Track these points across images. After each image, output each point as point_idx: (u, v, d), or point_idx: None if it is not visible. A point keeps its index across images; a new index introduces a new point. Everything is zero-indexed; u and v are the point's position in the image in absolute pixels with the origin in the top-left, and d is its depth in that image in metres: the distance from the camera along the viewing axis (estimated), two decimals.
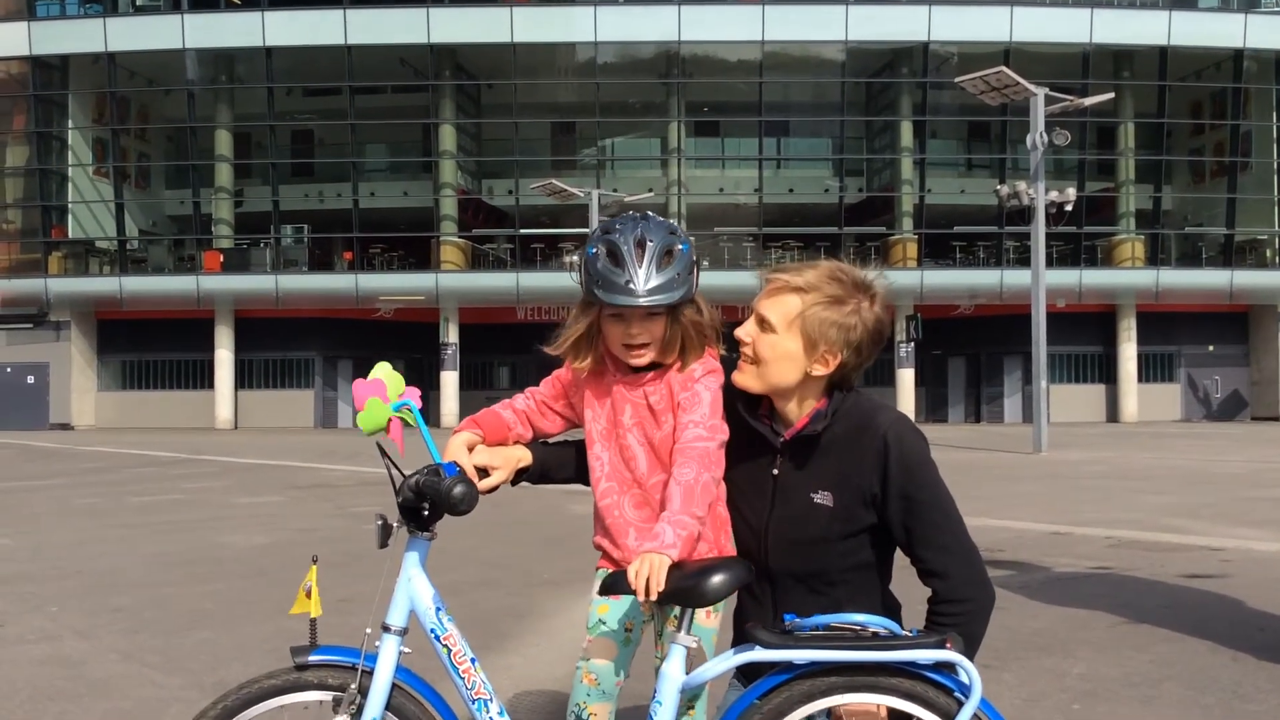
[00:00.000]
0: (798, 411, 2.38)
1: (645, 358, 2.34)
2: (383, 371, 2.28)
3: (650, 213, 2.38)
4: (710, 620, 2.39)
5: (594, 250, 2.29)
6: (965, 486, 13.31)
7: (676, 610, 2.29)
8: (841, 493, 2.31)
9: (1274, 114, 37.51)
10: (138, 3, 37.43)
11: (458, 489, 2.17)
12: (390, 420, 2.25)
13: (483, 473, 2.39)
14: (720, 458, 2.31)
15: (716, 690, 2.43)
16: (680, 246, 2.29)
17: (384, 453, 2.25)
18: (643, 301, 2.24)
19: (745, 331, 2.37)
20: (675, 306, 2.29)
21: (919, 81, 36.40)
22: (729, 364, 2.41)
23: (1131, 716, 4.00)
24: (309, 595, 2.25)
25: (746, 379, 2.37)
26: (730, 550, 2.42)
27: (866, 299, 2.34)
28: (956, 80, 24.29)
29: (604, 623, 2.38)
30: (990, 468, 17.21)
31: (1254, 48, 35.53)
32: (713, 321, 2.38)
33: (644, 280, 2.24)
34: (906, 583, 2.46)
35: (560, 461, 2.54)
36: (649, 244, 2.25)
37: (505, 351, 39.37)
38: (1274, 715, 4.00)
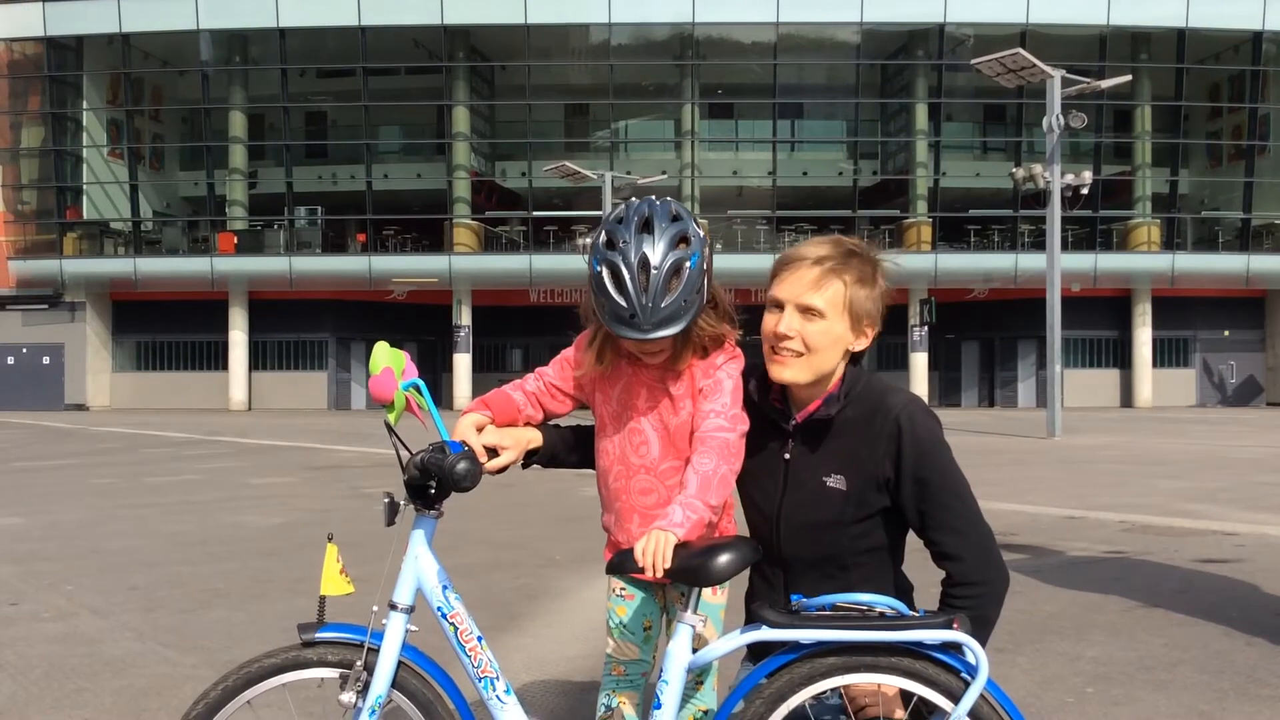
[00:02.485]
0: (812, 395, 2.36)
1: (660, 359, 2.32)
2: (385, 356, 2.26)
3: (658, 203, 2.23)
4: (717, 596, 2.41)
5: (598, 268, 2.19)
6: (979, 470, 13.28)
7: (681, 589, 2.33)
8: (854, 476, 2.30)
9: None
10: None
11: (461, 465, 2.17)
12: (408, 399, 2.26)
13: (492, 453, 2.38)
14: (740, 449, 2.30)
15: (728, 667, 2.43)
16: (689, 262, 2.17)
17: (392, 431, 2.25)
18: (650, 336, 2.18)
19: (788, 327, 2.29)
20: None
21: (934, 64, 36.21)
22: (746, 349, 2.38)
23: (1145, 700, 3.98)
24: (343, 573, 2.26)
25: (795, 373, 2.31)
26: (732, 531, 2.43)
27: (875, 263, 2.36)
28: (972, 62, 24.12)
29: (623, 624, 2.43)
30: (1004, 452, 17.16)
31: (1273, 30, 35.19)
32: (727, 309, 2.35)
33: (650, 313, 2.15)
34: (920, 564, 2.45)
35: (570, 445, 2.53)
36: (652, 269, 2.14)
37: (518, 334, 39.42)
38: None
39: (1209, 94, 38.64)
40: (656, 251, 2.15)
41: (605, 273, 2.18)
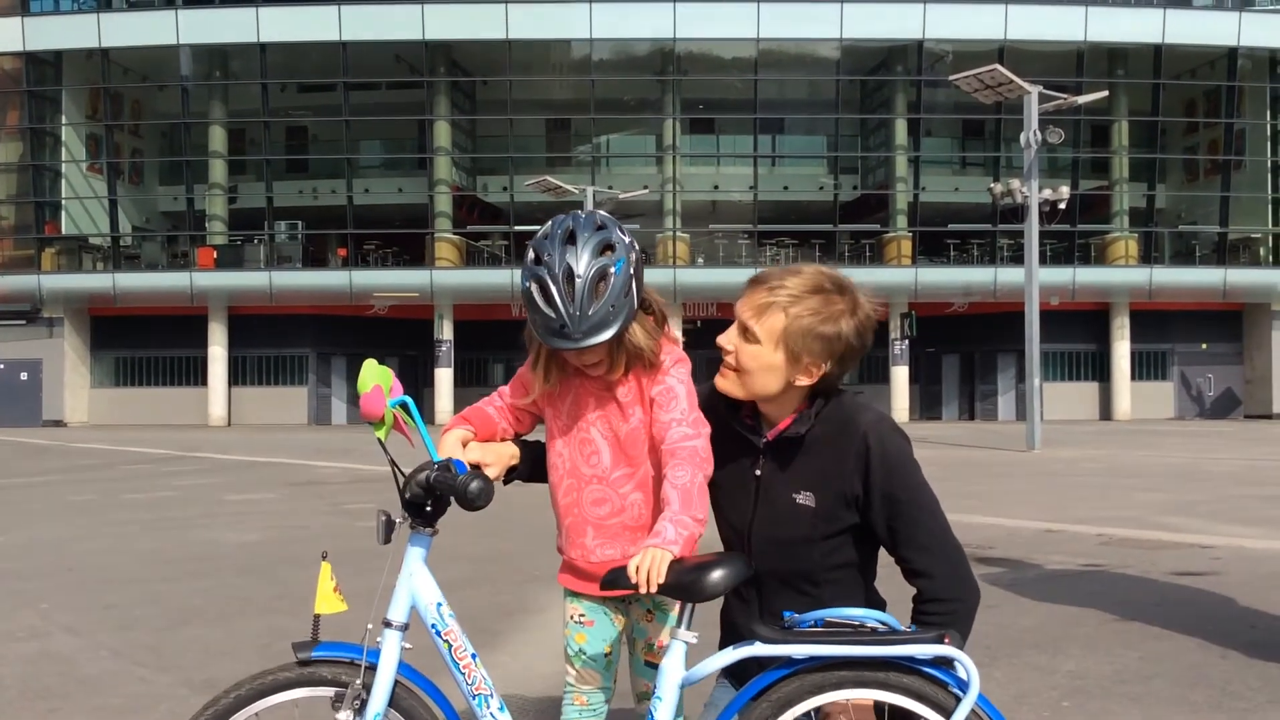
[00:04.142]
0: (781, 413, 2.37)
1: (599, 370, 2.33)
2: (374, 374, 2.27)
3: (582, 215, 2.27)
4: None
5: (527, 284, 2.22)
6: (958, 484, 13.32)
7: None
8: (823, 493, 2.31)
9: (1268, 112, 37.62)
10: None
11: (474, 484, 2.17)
12: (395, 417, 2.27)
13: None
14: (709, 452, 2.29)
15: (699, 687, 2.43)
16: (613, 268, 2.19)
17: (386, 450, 2.26)
18: (582, 345, 2.19)
19: (728, 339, 2.34)
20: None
21: (914, 79, 36.46)
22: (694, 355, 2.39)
23: (1121, 713, 4.00)
24: (336, 591, 2.25)
25: (729, 385, 2.36)
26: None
27: (849, 308, 2.30)
28: (951, 78, 24.29)
29: (584, 652, 2.45)
30: (983, 465, 17.23)
31: (1248, 46, 35.61)
32: (659, 312, 2.35)
33: (577, 322, 2.17)
34: (897, 580, 2.46)
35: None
36: (576, 278, 2.16)
37: (500, 348, 39.34)
38: (1263, 712, 4.01)
39: (1185, 109, 39.01)
40: (580, 261, 2.18)
41: (534, 288, 2.21)
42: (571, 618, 2.47)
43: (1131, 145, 37.57)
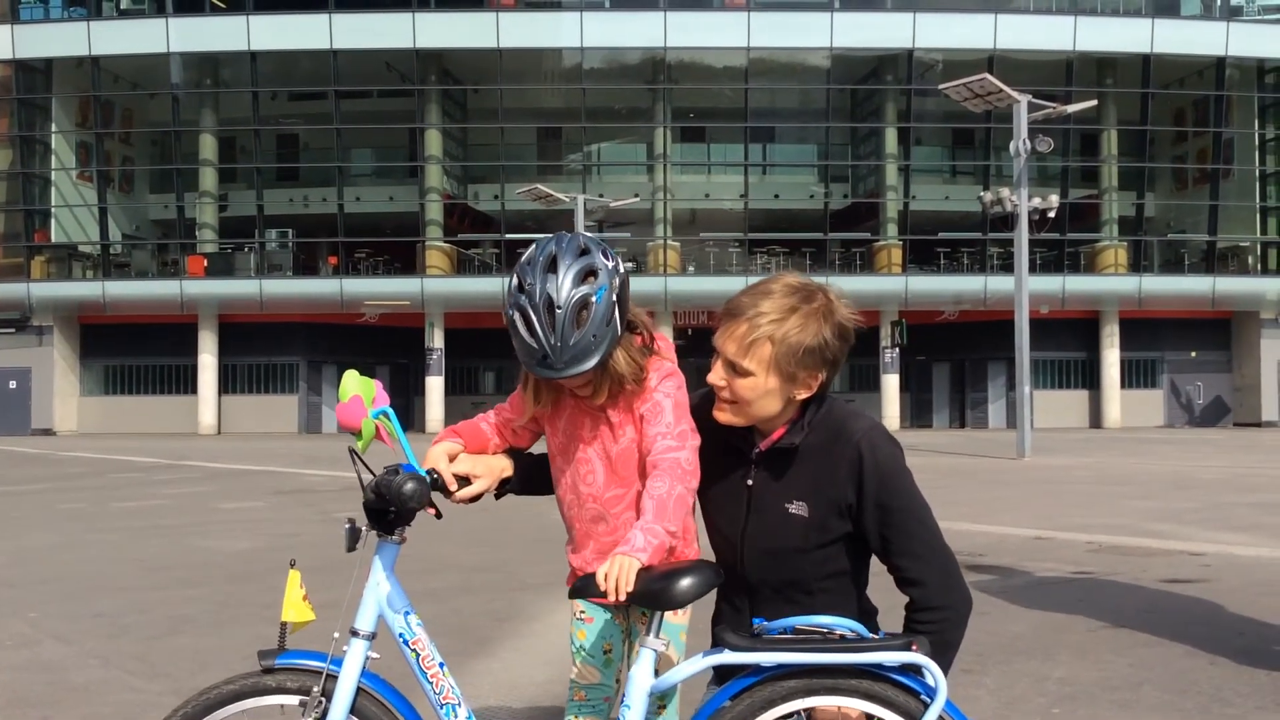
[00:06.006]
0: (774, 424, 2.38)
1: (586, 392, 2.34)
2: (355, 384, 2.27)
3: (566, 239, 2.25)
4: (679, 618, 2.43)
5: (511, 312, 2.21)
6: (949, 491, 13.35)
7: (644, 610, 2.33)
8: (816, 503, 2.31)
9: (1256, 121, 37.85)
10: (122, 6, 37.32)
11: (408, 485, 2.18)
12: (377, 428, 2.27)
13: (464, 481, 2.39)
14: (694, 464, 2.29)
15: (693, 689, 2.43)
16: (595, 297, 2.18)
17: (356, 456, 2.26)
18: (564, 375, 2.20)
19: (717, 378, 2.33)
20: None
21: (904, 88, 36.54)
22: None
23: None
24: (305, 599, 2.25)
25: (729, 417, 2.35)
26: (693, 555, 2.44)
27: (825, 311, 2.29)
28: (941, 87, 24.37)
29: (584, 648, 2.47)
30: (974, 473, 17.25)
31: (1236, 55, 35.78)
32: (646, 332, 2.34)
33: (559, 352, 2.17)
34: (889, 588, 2.47)
35: (543, 473, 2.54)
36: (557, 309, 2.16)
37: (491, 356, 39.30)
38: (1252, 718, 4.02)
39: (1174, 118, 39.15)
40: (561, 291, 2.17)
41: (516, 316, 2.21)
42: (575, 614, 2.49)
43: (1121, 154, 37.69)
